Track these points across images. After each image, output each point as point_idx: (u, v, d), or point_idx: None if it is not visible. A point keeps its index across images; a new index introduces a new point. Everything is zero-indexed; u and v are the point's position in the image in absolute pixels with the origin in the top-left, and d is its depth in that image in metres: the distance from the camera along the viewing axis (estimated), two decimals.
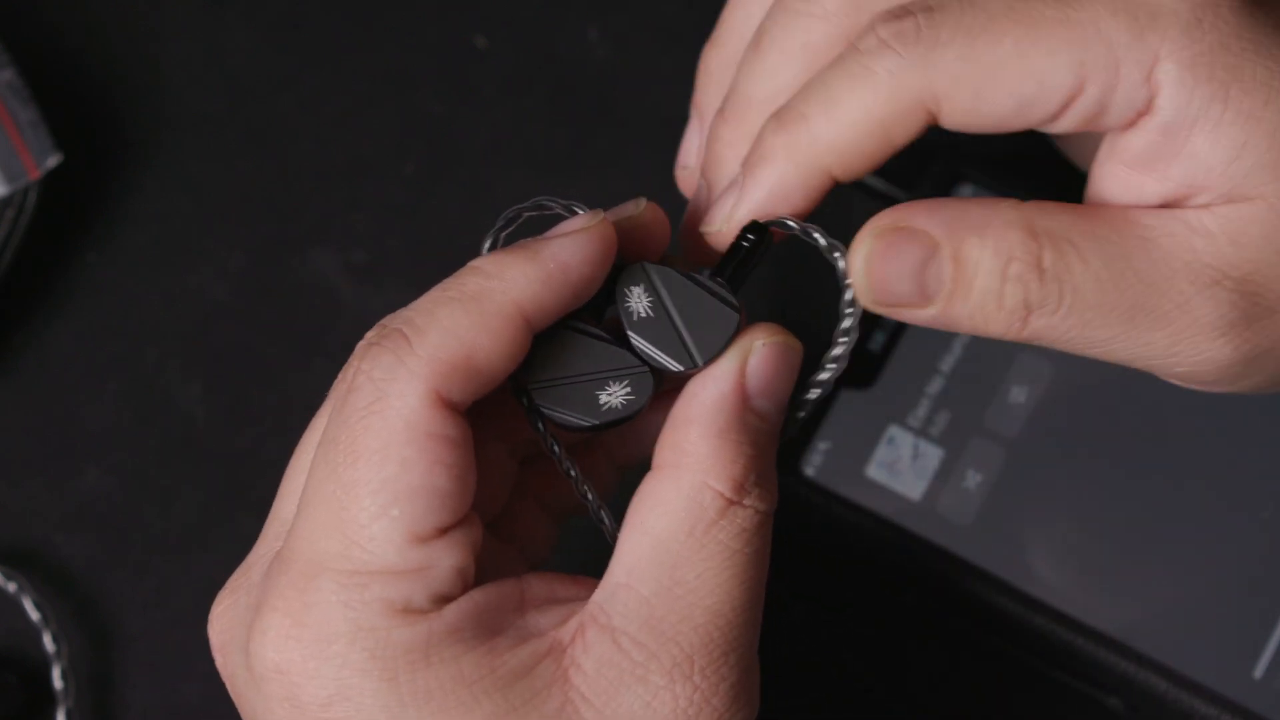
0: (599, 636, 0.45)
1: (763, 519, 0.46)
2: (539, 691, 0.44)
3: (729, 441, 0.46)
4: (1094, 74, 0.45)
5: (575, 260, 0.46)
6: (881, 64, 0.45)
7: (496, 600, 0.46)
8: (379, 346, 0.45)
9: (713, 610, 0.45)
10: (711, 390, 0.46)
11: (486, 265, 0.46)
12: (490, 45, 0.67)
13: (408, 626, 0.44)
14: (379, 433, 0.45)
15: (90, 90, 0.67)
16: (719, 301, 0.47)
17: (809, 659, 0.61)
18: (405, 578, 0.45)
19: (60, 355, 0.65)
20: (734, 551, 0.45)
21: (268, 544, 0.48)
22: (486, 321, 0.45)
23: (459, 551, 0.45)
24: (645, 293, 0.47)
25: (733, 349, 0.47)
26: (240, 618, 0.47)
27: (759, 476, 0.46)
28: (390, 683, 0.44)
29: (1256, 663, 0.58)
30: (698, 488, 0.46)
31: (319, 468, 0.45)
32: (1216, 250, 0.45)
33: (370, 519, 0.44)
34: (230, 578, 0.48)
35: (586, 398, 0.47)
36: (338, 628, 0.44)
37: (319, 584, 0.44)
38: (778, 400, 0.47)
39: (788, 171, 0.47)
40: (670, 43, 0.67)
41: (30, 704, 0.62)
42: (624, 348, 0.47)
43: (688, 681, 0.45)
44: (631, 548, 0.46)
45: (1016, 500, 0.59)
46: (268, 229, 0.66)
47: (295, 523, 0.46)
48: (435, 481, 0.45)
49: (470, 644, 0.45)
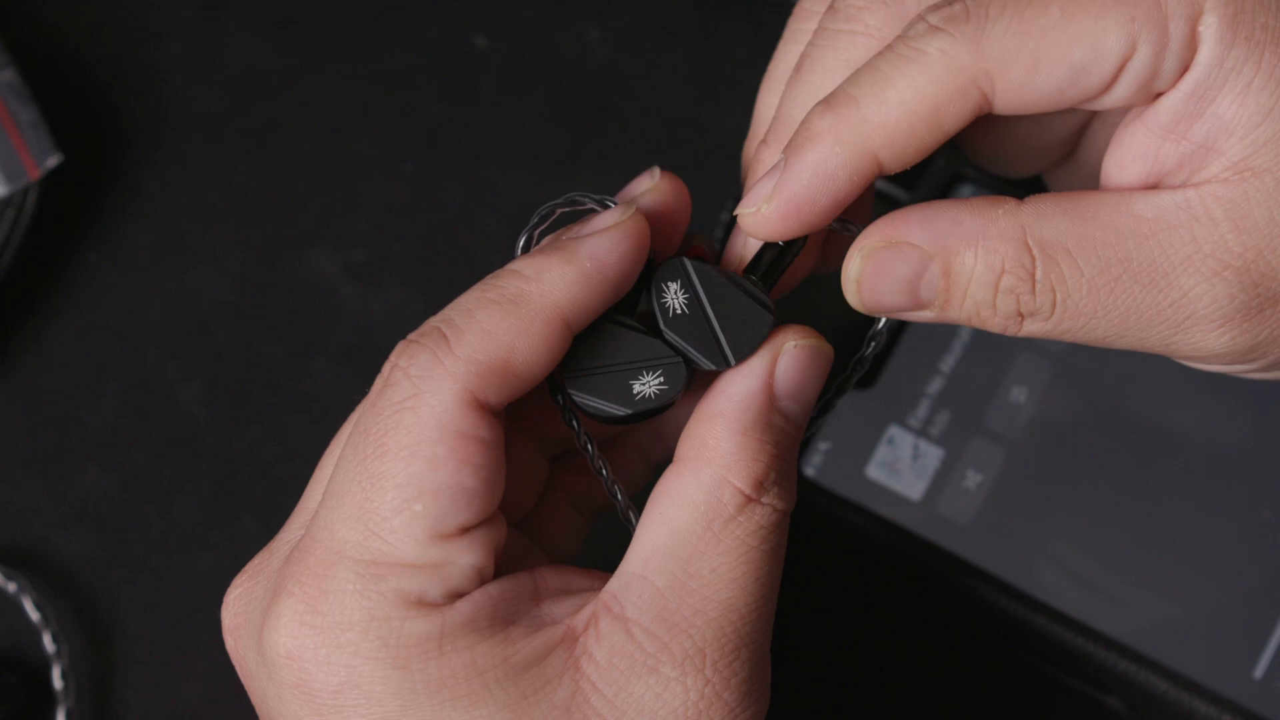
0: (612, 626, 0.45)
1: (780, 518, 0.46)
2: (550, 680, 0.45)
3: (753, 439, 0.46)
4: (1144, 30, 0.44)
5: (612, 258, 0.46)
6: (932, 44, 0.44)
7: (511, 591, 0.46)
8: (418, 344, 0.46)
9: (727, 605, 0.45)
10: (739, 387, 0.47)
11: (525, 268, 0.46)
12: (490, 45, 0.67)
13: (422, 618, 0.45)
14: (410, 428, 0.45)
15: (90, 90, 0.67)
16: (754, 301, 0.47)
17: (809, 659, 0.61)
18: (422, 572, 0.45)
19: (60, 355, 0.65)
20: (750, 548, 0.46)
21: (292, 531, 0.48)
22: (526, 325, 0.45)
23: (479, 551, 0.45)
24: (682, 289, 0.47)
25: (763, 348, 0.47)
26: (256, 601, 0.47)
27: (779, 476, 0.46)
28: (403, 671, 0.44)
29: (1256, 663, 0.58)
30: (718, 483, 0.46)
31: (348, 458, 0.45)
32: (1219, 239, 0.45)
33: (393, 512, 0.45)
34: (250, 561, 0.48)
35: (620, 387, 0.47)
36: (352, 616, 0.44)
37: (337, 572, 0.45)
38: (805, 402, 0.47)
39: (834, 153, 0.45)
40: (670, 43, 0.67)
41: (30, 704, 0.62)
42: (657, 338, 0.47)
43: (699, 674, 0.45)
44: (648, 539, 0.46)
45: (1016, 500, 0.59)
46: (268, 229, 0.66)
47: (319, 511, 0.46)
48: (462, 481, 0.45)
49: (484, 634, 0.45)
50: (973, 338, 0.61)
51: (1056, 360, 0.61)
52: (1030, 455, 0.60)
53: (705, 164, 0.66)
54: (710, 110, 0.66)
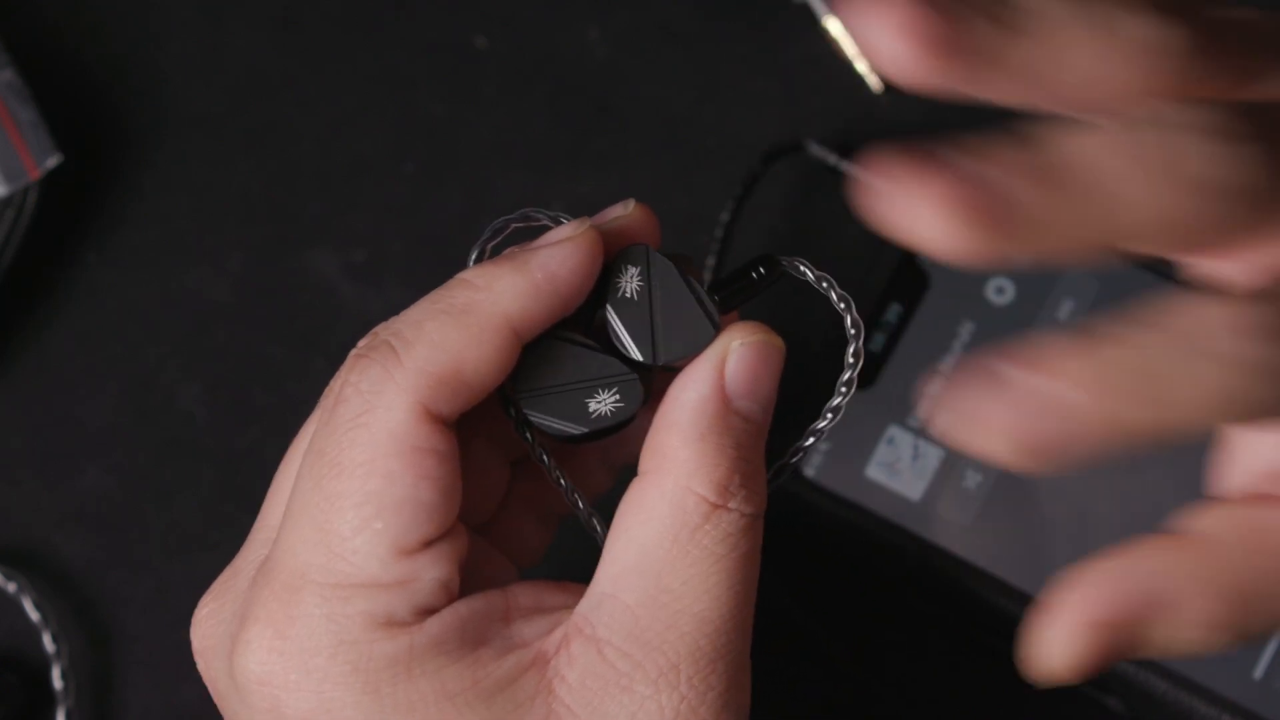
0: (584, 647, 0.45)
1: (749, 522, 0.46)
2: (522, 703, 0.44)
3: (710, 444, 0.45)
4: None
5: (563, 270, 0.46)
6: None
7: (482, 611, 0.46)
8: (367, 359, 0.45)
9: (700, 617, 0.45)
10: (691, 394, 0.46)
11: (474, 278, 0.46)
12: (490, 45, 0.67)
13: (390, 639, 0.44)
14: (365, 446, 0.44)
15: (90, 90, 0.67)
16: (703, 313, 0.47)
17: (808, 659, 0.61)
18: (388, 590, 0.44)
19: (60, 355, 0.65)
20: (720, 557, 0.45)
21: (254, 550, 0.48)
22: (475, 334, 0.45)
23: (443, 564, 0.45)
24: (639, 276, 0.47)
25: (710, 351, 0.47)
26: (224, 625, 0.47)
27: (744, 478, 0.46)
28: (372, 695, 0.44)
29: (1256, 663, 0.58)
30: (681, 492, 0.45)
31: (304, 479, 0.45)
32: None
33: (353, 532, 0.44)
34: (215, 582, 0.48)
35: (576, 406, 0.47)
36: (320, 641, 0.44)
37: (302, 597, 0.44)
38: (762, 400, 0.47)
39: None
40: (670, 43, 0.67)
41: (30, 704, 0.62)
42: (612, 355, 0.47)
43: (674, 691, 0.44)
44: (616, 556, 0.45)
45: (1016, 500, 0.59)
46: (268, 229, 0.66)
47: (280, 534, 0.46)
48: (420, 495, 0.44)
49: (453, 656, 0.44)
50: (973, 338, 0.61)
51: None
52: None
53: (705, 164, 0.66)
54: (710, 110, 0.66)
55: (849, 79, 0.66)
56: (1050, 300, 0.61)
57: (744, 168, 0.64)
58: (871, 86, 0.66)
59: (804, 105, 0.66)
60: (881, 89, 0.66)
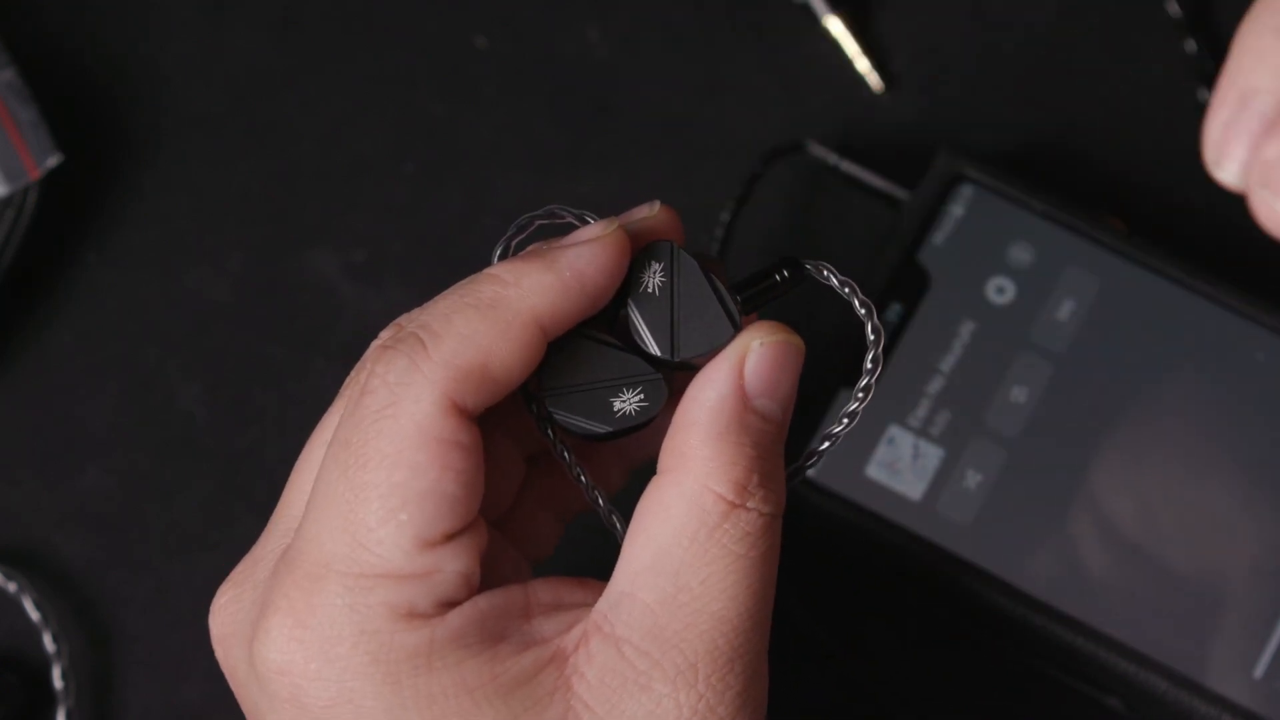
0: (602, 645, 0.45)
1: (768, 521, 0.46)
2: (540, 699, 0.44)
3: (729, 443, 0.46)
4: None
5: (591, 269, 0.46)
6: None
7: (502, 605, 0.46)
8: (393, 350, 0.45)
9: (718, 616, 0.45)
10: (710, 393, 0.46)
11: (504, 273, 0.46)
12: (490, 45, 0.67)
13: (411, 631, 0.44)
14: (391, 437, 0.45)
15: (90, 90, 0.67)
16: (723, 312, 0.47)
17: (808, 660, 0.61)
18: (411, 582, 0.44)
19: (60, 355, 0.65)
20: (738, 556, 0.45)
21: (275, 539, 0.48)
22: (503, 329, 0.45)
23: (465, 557, 0.45)
24: (662, 272, 0.47)
25: (730, 350, 0.47)
26: (244, 613, 0.47)
27: (763, 478, 0.46)
28: (393, 686, 0.44)
29: (1256, 663, 0.58)
30: (699, 492, 0.45)
31: (329, 469, 0.45)
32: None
33: (379, 522, 0.44)
34: (235, 569, 0.48)
35: (600, 404, 0.47)
36: (342, 631, 0.44)
37: (324, 586, 0.44)
38: (781, 399, 0.47)
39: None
40: (670, 43, 0.67)
41: (30, 704, 0.62)
42: (637, 354, 0.47)
43: (692, 689, 0.44)
44: (635, 554, 0.45)
45: (1016, 500, 0.59)
46: (268, 229, 0.66)
47: (303, 523, 0.46)
48: (445, 487, 0.45)
49: (473, 650, 0.44)
50: (973, 337, 0.61)
51: (1057, 360, 0.61)
52: (1030, 455, 0.60)
53: (705, 164, 0.66)
54: (710, 110, 0.66)
55: (849, 79, 0.66)
56: (1050, 300, 0.61)
57: (744, 168, 0.64)
58: (871, 86, 0.66)
59: (804, 105, 0.66)
60: (881, 89, 0.66)
